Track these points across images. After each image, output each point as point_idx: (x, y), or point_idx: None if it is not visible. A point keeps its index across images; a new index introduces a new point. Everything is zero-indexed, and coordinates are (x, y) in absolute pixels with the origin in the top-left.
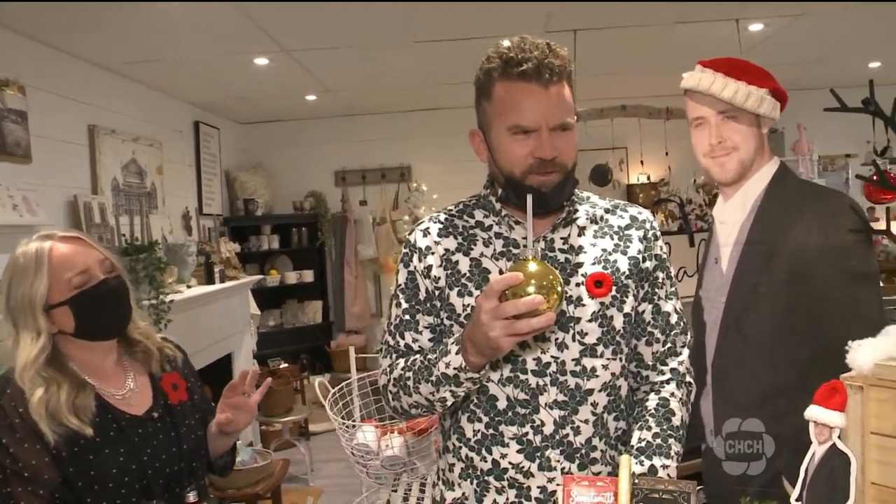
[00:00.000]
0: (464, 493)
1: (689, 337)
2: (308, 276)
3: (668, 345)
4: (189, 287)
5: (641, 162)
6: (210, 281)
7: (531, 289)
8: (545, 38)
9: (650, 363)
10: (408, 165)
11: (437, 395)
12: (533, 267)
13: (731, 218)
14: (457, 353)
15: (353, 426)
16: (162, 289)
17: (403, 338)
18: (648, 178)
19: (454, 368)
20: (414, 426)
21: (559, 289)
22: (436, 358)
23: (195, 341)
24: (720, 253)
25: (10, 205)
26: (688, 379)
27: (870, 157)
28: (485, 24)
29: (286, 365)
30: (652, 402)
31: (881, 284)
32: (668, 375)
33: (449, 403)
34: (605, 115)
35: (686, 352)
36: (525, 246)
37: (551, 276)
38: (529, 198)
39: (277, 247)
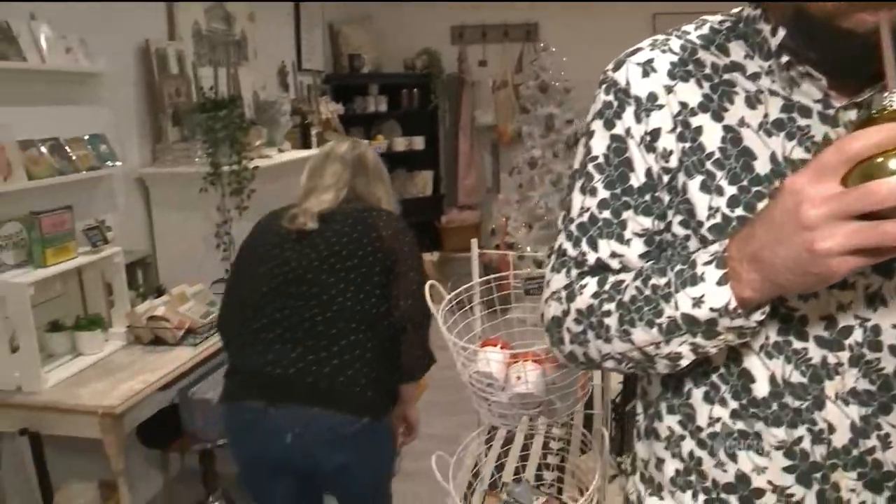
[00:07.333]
0: None
1: None
2: (418, 142)
3: None
4: (281, 151)
5: None
6: (306, 145)
7: None
8: None
9: None
10: (534, 23)
11: (665, 349)
12: None
13: None
14: (718, 282)
15: (473, 350)
16: (245, 152)
17: (596, 247)
18: None
19: (711, 309)
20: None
21: None
22: (668, 284)
23: None
24: None
25: (62, 47)
26: None
27: None
28: None
29: None
30: None
31: None
32: None
33: (684, 364)
34: None
35: None
36: (883, 93)
37: None
38: None
39: (385, 109)
